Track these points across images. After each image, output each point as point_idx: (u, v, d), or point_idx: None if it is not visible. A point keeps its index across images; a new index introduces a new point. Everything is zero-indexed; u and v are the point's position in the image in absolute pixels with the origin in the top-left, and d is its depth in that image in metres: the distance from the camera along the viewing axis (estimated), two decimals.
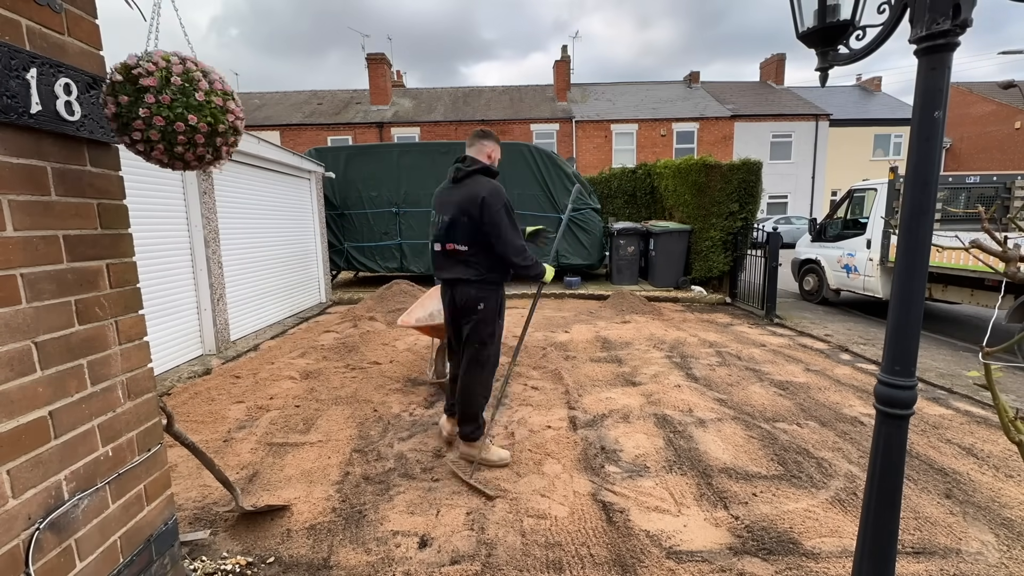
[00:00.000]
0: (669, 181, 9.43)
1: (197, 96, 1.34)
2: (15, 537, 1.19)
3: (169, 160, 1.38)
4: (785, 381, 4.36)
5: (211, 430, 3.40)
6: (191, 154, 1.38)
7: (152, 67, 1.29)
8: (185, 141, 1.34)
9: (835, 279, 7.86)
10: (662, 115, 22.80)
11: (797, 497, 2.56)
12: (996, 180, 6.09)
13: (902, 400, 1.38)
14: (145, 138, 1.31)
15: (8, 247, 1.20)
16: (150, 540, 1.65)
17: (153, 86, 1.28)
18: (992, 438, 3.25)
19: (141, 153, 1.36)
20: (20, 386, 1.21)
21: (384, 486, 2.69)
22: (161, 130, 1.30)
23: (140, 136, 1.30)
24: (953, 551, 2.16)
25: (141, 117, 1.28)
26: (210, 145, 1.40)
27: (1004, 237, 1.40)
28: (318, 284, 8.41)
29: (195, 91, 1.34)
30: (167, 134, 1.32)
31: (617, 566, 2.07)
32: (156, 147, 1.33)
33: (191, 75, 1.34)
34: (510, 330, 5.37)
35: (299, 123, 22.37)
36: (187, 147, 1.36)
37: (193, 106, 1.33)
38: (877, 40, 1.41)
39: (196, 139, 1.35)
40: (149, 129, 1.30)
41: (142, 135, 1.30)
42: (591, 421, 3.49)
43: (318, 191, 8.39)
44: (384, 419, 3.55)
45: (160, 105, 1.29)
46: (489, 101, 24.41)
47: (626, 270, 9.55)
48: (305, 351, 5.36)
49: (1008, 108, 22.55)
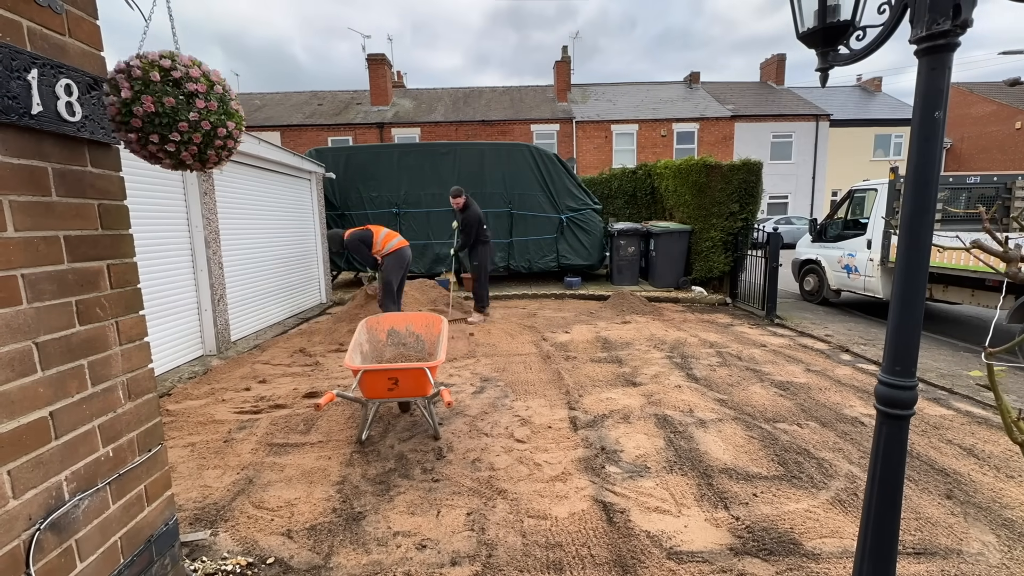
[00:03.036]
0: (669, 181, 9.43)
1: (232, 104, 1.43)
2: (16, 537, 1.19)
3: (193, 162, 1.45)
4: (786, 381, 4.35)
5: (211, 431, 3.40)
6: (215, 156, 1.46)
7: (196, 72, 1.36)
8: (220, 145, 1.43)
9: (835, 279, 7.86)
10: (662, 115, 22.79)
11: (798, 498, 2.56)
12: (996, 180, 6.09)
13: (903, 400, 1.38)
14: (185, 139, 1.36)
15: (9, 248, 1.20)
16: (150, 540, 1.65)
17: (202, 92, 1.35)
18: (993, 439, 3.25)
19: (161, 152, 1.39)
20: (21, 386, 1.22)
21: (384, 486, 2.69)
22: (205, 134, 1.38)
23: (178, 138, 1.35)
24: (954, 552, 2.16)
25: (189, 120, 1.33)
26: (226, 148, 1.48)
27: (1005, 237, 1.40)
28: (318, 284, 8.41)
29: (231, 99, 1.43)
30: (208, 137, 1.39)
31: (617, 567, 2.07)
32: (188, 148, 1.39)
33: (224, 83, 1.43)
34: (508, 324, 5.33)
35: (299, 124, 22.38)
36: (219, 151, 1.44)
37: (230, 113, 1.42)
38: (877, 40, 1.41)
39: (228, 144, 1.44)
40: (193, 132, 1.36)
41: (182, 136, 1.35)
42: (592, 421, 3.49)
43: (318, 192, 8.40)
44: (384, 419, 3.55)
45: (209, 111, 1.36)
46: (489, 101, 24.41)
47: (626, 270, 9.55)
48: (305, 351, 5.36)
49: (1008, 108, 22.54)
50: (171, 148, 1.37)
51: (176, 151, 1.38)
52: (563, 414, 3.62)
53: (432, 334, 3.85)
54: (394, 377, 2.97)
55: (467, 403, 3.87)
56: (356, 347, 3.41)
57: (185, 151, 1.39)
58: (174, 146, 1.36)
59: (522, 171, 9.33)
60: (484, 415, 3.63)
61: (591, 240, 9.57)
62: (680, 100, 24.39)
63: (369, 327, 3.79)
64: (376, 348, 3.79)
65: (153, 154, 1.39)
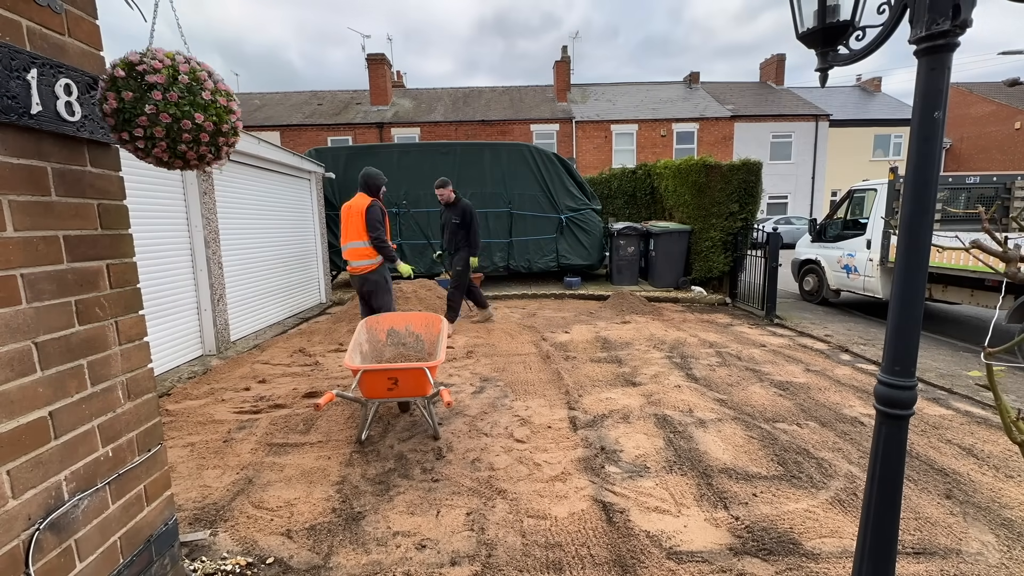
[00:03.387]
0: (669, 181, 9.44)
1: (204, 95, 1.35)
2: (15, 537, 1.19)
3: (170, 158, 1.38)
4: (785, 381, 4.35)
5: (211, 431, 3.40)
6: (193, 152, 1.39)
7: (159, 64, 1.30)
8: (190, 139, 1.35)
9: (835, 279, 7.86)
10: (662, 115, 22.80)
11: (797, 497, 2.56)
12: (996, 180, 6.09)
13: (902, 400, 1.38)
14: (148, 135, 1.31)
15: (8, 247, 1.20)
16: (150, 540, 1.65)
17: (161, 83, 1.29)
18: (992, 438, 3.25)
19: (140, 151, 1.35)
20: (20, 386, 1.21)
21: (384, 486, 2.69)
22: (166, 127, 1.31)
23: (142, 133, 1.31)
24: (953, 551, 2.16)
25: (146, 113, 1.28)
26: (213, 144, 1.41)
27: (1004, 237, 1.40)
28: (318, 284, 8.41)
29: (202, 90, 1.35)
30: (172, 131, 1.32)
31: (617, 566, 2.07)
32: (159, 144, 1.33)
33: (197, 74, 1.36)
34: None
35: (299, 123, 22.37)
36: (191, 145, 1.37)
37: (199, 104, 1.35)
38: (877, 40, 1.42)
39: (201, 137, 1.37)
40: (153, 126, 1.30)
41: (144, 132, 1.31)
42: (591, 421, 3.49)
43: (318, 191, 8.40)
44: (384, 419, 3.55)
45: (167, 102, 1.30)
46: (489, 101, 24.41)
47: (626, 270, 9.55)
48: (305, 350, 5.36)
49: (1008, 108, 22.56)
50: (140, 144, 1.32)
51: (146, 147, 1.33)
52: (563, 414, 3.63)
53: (432, 334, 3.84)
54: (394, 377, 2.97)
55: (467, 403, 3.87)
56: (356, 347, 3.40)
57: (155, 147, 1.33)
58: (142, 142, 1.32)
59: (521, 171, 9.34)
60: (484, 415, 3.63)
61: (591, 240, 9.57)
62: (680, 100, 24.39)
63: (369, 327, 3.79)
64: (376, 348, 3.79)
65: (134, 151, 1.36)
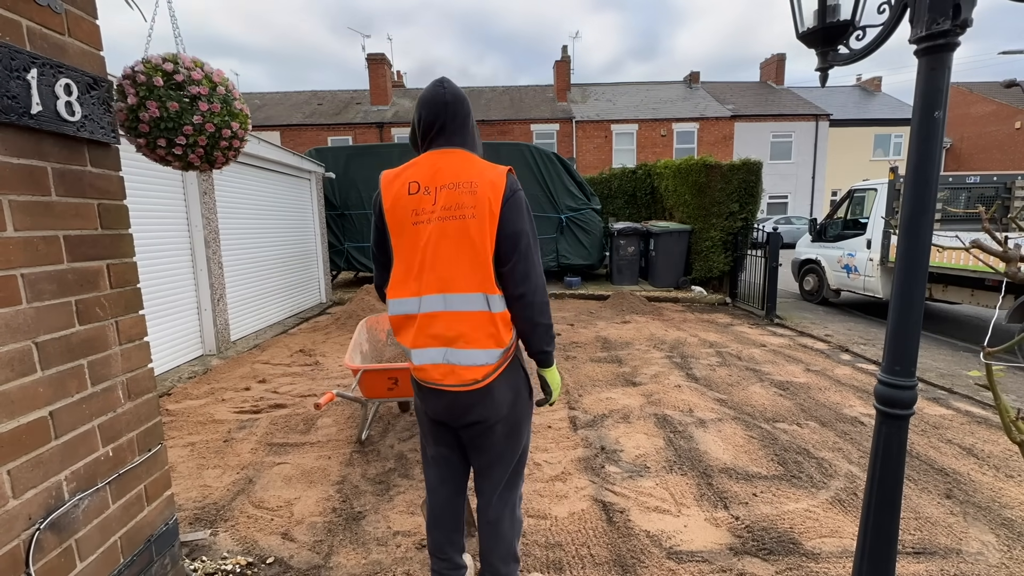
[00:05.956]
0: (669, 181, 9.43)
1: (236, 104, 1.46)
2: (15, 537, 1.19)
3: (201, 163, 1.48)
4: (785, 381, 4.35)
5: (211, 431, 3.41)
6: (223, 157, 1.49)
7: (198, 75, 1.38)
8: (226, 146, 1.46)
9: (835, 279, 7.86)
10: (662, 115, 22.79)
11: (797, 497, 2.56)
12: (996, 180, 6.09)
13: (902, 400, 1.38)
14: (191, 143, 1.40)
15: (8, 247, 1.20)
16: (150, 540, 1.65)
17: (204, 95, 1.38)
18: (992, 438, 3.25)
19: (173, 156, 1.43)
20: (20, 386, 1.22)
21: (384, 486, 2.69)
22: (210, 136, 1.41)
23: (185, 141, 1.39)
24: (953, 551, 2.16)
25: (193, 124, 1.37)
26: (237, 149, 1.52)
27: (1004, 237, 1.40)
28: (318, 284, 8.41)
29: (234, 99, 1.46)
30: (213, 139, 1.42)
31: (617, 566, 2.07)
32: (196, 150, 1.42)
33: (227, 84, 1.46)
34: None
35: (299, 123, 22.37)
36: (224, 151, 1.47)
37: (234, 114, 1.45)
38: (877, 40, 1.41)
39: (233, 143, 1.48)
40: (198, 135, 1.39)
41: (187, 139, 1.39)
42: (591, 421, 3.49)
43: (318, 191, 8.40)
44: (384, 419, 3.55)
45: (212, 113, 1.39)
46: (489, 101, 24.40)
47: (626, 270, 9.55)
48: (305, 350, 5.36)
49: (1008, 108, 22.54)
50: (178, 151, 1.41)
51: (183, 154, 1.42)
52: (563, 414, 3.63)
53: None
54: (394, 377, 2.96)
55: None
56: (356, 347, 3.40)
57: (192, 153, 1.42)
58: (181, 149, 1.40)
59: (521, 171, 9.34)
60: None
61: (591, 240, 9.57)
62: (680, 100, 24.38)
63: (369, 327, 3.79)
64: (376, 348, 3.79)
65: (162, 157, 1.43)
